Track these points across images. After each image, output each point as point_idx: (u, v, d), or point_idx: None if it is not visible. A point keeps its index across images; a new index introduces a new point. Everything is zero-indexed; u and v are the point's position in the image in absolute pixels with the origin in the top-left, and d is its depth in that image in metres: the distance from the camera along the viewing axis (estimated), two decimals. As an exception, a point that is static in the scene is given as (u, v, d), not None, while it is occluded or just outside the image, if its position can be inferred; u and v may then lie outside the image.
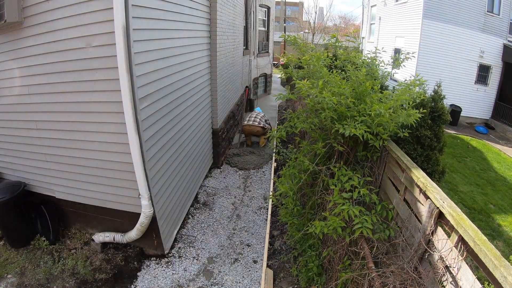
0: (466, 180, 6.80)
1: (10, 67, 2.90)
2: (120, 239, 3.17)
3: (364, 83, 2.41)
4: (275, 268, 3.21)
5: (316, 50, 3.30)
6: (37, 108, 2.95)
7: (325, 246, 2.75)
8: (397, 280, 1.77)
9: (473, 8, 10.77)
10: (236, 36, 6.61)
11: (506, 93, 11.49)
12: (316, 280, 2.75)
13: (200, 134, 4.58)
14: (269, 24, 11.35)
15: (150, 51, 2.81)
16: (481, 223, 5.17)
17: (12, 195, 3.04)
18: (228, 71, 5.99)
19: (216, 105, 5.17)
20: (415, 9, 11.02)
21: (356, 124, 2.18)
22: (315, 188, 2.72)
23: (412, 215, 1.97)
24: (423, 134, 3.48)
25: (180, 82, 3.62)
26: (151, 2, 2.79)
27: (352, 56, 2.81)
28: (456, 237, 1.52)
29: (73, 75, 2.66)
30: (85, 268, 2.97)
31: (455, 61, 11.08)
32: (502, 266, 1.20)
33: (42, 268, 2.98)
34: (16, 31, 2.71)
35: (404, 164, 2.08)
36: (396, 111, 2.30)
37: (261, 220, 4.14)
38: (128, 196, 2.95)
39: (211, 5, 4.67)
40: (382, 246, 2.10)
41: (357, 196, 2.19)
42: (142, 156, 2.69)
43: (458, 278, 1.48)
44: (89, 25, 2.44)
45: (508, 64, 11.30)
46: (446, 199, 1.65)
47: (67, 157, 3.03)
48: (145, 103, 2.75)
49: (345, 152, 2.53)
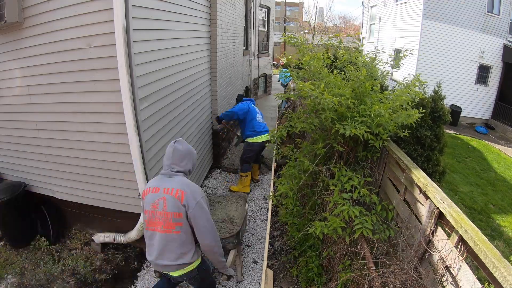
0: (466, 180, 6.81)
1: (10, 67, 2.90)
2: (120, 240, 3.17)
3: (364, 84, 2.41)
4: (275, 269, 3.21)
5: (315, 50, 3.30)
6: (37, 108, 2.95)
7: (325, 246, 2.75)
8: (397, 280, 1.77)
9: (473, 8, 10.78)
10: (236, 37, 6.61)
11: (506, 93, 11.49)
12: (316, 281, 2.75)
13: (200, 134, 4.58)
14: (269, 24, 11.36)
15: (150, 52, 2.82)
16: (481, 223, 5.18)
17: (12, 196, 3.05)
18: (228, 71, 5.99)
19: (216, 106, 5.17)
20: (415, 9, 11.04)
21: (356, 124, 2.18)
22: (315, 188, 2.72)
23: (412, 215, 1.98)
24: (424, 134, 3.48)
25: (180, 82, 3.63)
26: (151, 3, 2.79)
27: (353, 57, 2.81)
28: (456, 237, 1.52)
29: (73, 75, 2.66)
30: (85, 269, 2.97)
31: (455, 61, 11.08)
32: (502, 266, 1.20)
33: (42, 268, 2.98)
34: (16, 32, 2.71)
35: (404, 165, 2.08)
36: (396, 111, 2.30)
37: (261, 220, 4.14)
38: (128, 196, 2.95)
39: (211, 6, 4.67)
40: (382, 246, 2.11)
41: (357, 197, 2.19)
42: (142, 157, 2.69)
43: (458, 278, 1.48)
44: (89, 26, 2.45)
45: (508, 64, 11.31)
46: (446, 199, 1.65)
47: (67, 158, 3.03)
48: (145, 104, 2.75)
49: (345, 153, 2.54)
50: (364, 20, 16.95)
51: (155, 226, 1.98)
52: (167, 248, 1.99)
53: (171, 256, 2.00)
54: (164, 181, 2.01)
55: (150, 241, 2.05)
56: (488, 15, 10.97)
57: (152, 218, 1.98)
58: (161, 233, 1.97)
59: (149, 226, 2.02)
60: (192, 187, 2.01)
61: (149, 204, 1.99)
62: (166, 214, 1.94)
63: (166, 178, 2.03)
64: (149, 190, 2.03)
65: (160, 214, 1.95)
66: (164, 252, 2.00)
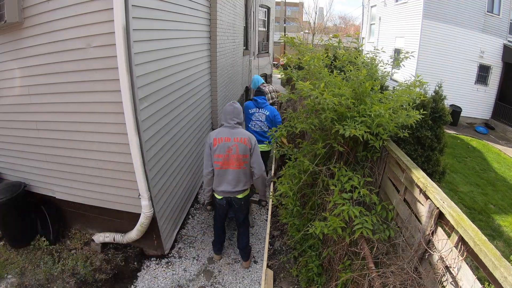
0: (466, 180, 6.81)
1: (10, 67, 2.90)
2: (120, 240, 3.17)
3: (363, 84, 2.41)
4: (275, 269, 3.21)
5: (314, 51, 3.30)
6: (37, 108, 2.95)
7: (325, 246, 2.75)
8: (397, 281, 1.77)
9: (473, 8, 10.78)
10: (236, 37, 6.61)
11: (506, 93, 11.49)
12: (316, 281, 2.75)
13: (200, 134, 4.58)
14: (269, 24, 11.36)
15: (150, 52, 2.82)
16: (481, 223, 5.18)
17: (12, 196, 3.05)
18: (228, 71, 5.99)
19: (216, 106, 5.17)
20: (415, 9, 11.03)
21: (356, 124, 2.18)
22: (315, 188, 2.72)
23: (412, 215, 1.98)
24: (424, 134, 3.49)
25: (180, 82, 3.63)
26: (151, 3, 2.79)
27: (352, 57, 2.81)
28: (456, 237, 1.52)
29: (73, 75, 2.66)
30: (85, 269, 2.97)
31: (455, 61, 11.08)
32: (502, 266, 1.20)
33: (42, 268, 2.98)
34: (16, 32, 2.71)
35: (404, 165, 2.08)
36: (396, 112, 2.30)
37: (261, 220, 4.14)
38: (128, 196, 2.95)
39: (211, 6, 4.67)
40: (382, 246, 2.10)
41: (357, 197, 2.19)
42: (142, 157, 2.69)
43: (458, 279, 1.48)
44: (89, 26, 2.44)
45: (508, 64, 11.31)
46: (446, 199, 1.65)
47: (67, 158, 3.03)
48: (145, 104, 2.75)
49: (345, 153, 2.53)
50: (364, 20, 16.94)
51: (229, 165, 2.87)
52: (239, 179, 2.91)
53: (240, 184, 2.94)
54: (232, 133, 2.87)
55: (222, 176, 2.90)
56: (488, 15, 10.97)
57: (226, 159, 2.85)
58: (233, 169, 2.87)
59: (223, 165, 2.86)
60: (250, 135, 2.92)
61: (223, 149, 2.83)
62: (238, 156, 2.85)
63: (232, 130, 2.89)
64: (221, 140, 2.84)
65: (233, 156, 2.85)
66: (237, 182, 2.91)
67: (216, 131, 2.91)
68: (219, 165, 2.86)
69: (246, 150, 2.85)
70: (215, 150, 2.84)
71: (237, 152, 2.83)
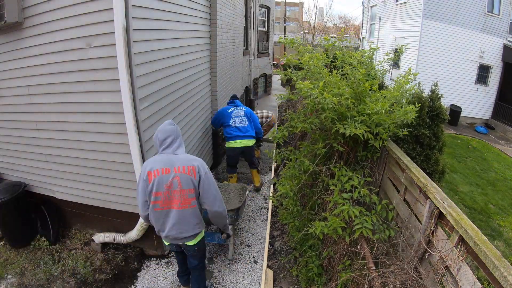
0: (466, 180, 6.81)
1: (11, 67, 2.90)
2: (120, 240, 3.17)
3: (362, 83, 2.41)
4: (276, 269, 3.21)
5: (313, 51, 3.29)
6: (37, 108, 2.95)
7: (325, 246, 2.75)
8: (397, 280, 1.77)
9: (473, 8, 10.78)
10: (236, 37, 6.61)
11: (506, 93, 11.49)
12: (316, 281, 2.75)
13: (200, 134, 4.58)
14: (269, 24, 11.36)
15: (150, 52, 2.82)
16: (481, 223, 5.18)
17: (12, 196, 3.05)
18: (228, 71, 5.99)
19: (217, 106, 5.17)
20: (415, 9, 11.03)
21: (356, 124, 2.19)
22: (315, 188, 2.72)
23: (412, 215, 1.98)
24: (422, 133, 3.48)
25: (181, 82, 3.63)
26: (151, 3, 2.79)
27: (347, 57, 2.80)
28: (456, 237, 1.52)
29: (73, 75, 2.66)
30: (85, 269, 2.97)
31: (455, 61, 11.08)
32: (502, 266, 1.20)
33: (42, 268, 2.98)
34: (16, 32, 2.71)
35: (404, 164, 2.08)
36: (392, 107, 2.31)
37: (261, 220, 4.14)
38: (129, 196, 2.95)
39: (211, 6, 4.67)
40: (382, 246, 2.11)
41: (357, 197, 2.19)
42: (142, 157, 2.69)
43: (458, 278, 1.48)
44: (89, 26, 2.45)
45: (508, 64, 11.31)
46: (446, 199, 1.65)
47: (67, 158, 3.03)
48: (145, 104, 2.75)
49: (345, 153, 2.54)
50: (364, 20, 16.94)
51: (171, 204, 2.14)
52: (185, 221, 2.19)
53: (189, 228, 2.22)
54: (171, 161, 2.12)
55: (164, 219, 2.19)
56: (488, 15, 10.97)
57: (167, 197, 2.12)
58: (177, 210, 2.15)
59: (164, 205, 2.14)
60: (198, 160, 2.20)
61: (161, 185, 2.10)
62: (182, 191, 2.12)
63: (171, 157, 2.14)
64: (157, 172, 2.09)
65: (175, 193, 2.11)
66: (183, 225, 2.19)
67: (151, 160, 2.17)
68: (158, 205, 2.14)
69: (192, 182, 2.12)
70: (151, 187, 2.10)
71: (179, 186, 2.10)
